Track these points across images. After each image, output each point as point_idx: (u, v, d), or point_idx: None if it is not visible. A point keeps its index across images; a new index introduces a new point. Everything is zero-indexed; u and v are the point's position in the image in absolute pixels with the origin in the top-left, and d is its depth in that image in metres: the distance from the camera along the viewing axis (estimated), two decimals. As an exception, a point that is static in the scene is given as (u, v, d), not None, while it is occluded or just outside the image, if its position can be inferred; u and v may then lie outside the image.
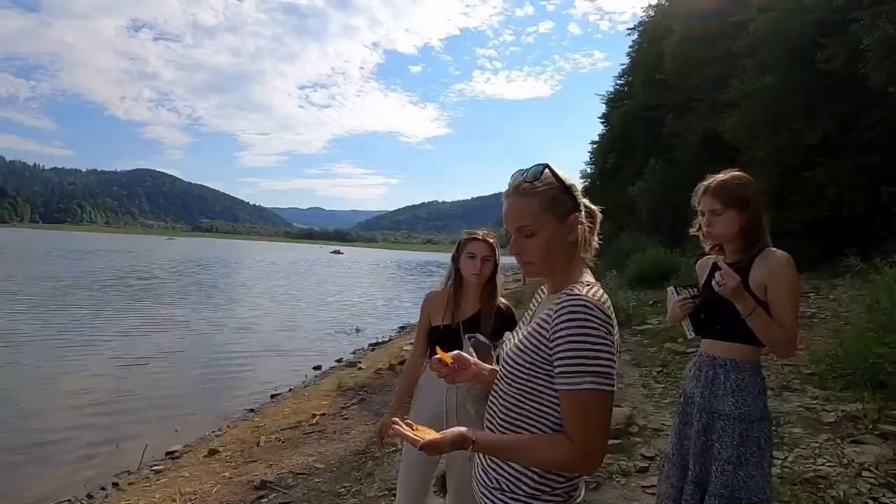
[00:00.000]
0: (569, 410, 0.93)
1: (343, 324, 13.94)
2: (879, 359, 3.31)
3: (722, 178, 1.69)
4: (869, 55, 8.97)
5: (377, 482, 3.59)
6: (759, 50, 13.08)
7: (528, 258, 1.03)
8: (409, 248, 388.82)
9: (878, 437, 2.82)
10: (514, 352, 1.05)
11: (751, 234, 1.63)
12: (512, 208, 1.03)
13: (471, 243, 1.97)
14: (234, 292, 21.38)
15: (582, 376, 0.90)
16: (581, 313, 0.92)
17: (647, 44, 24.46)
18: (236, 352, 10.07)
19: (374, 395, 6.37)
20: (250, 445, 4.97)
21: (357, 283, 31.92)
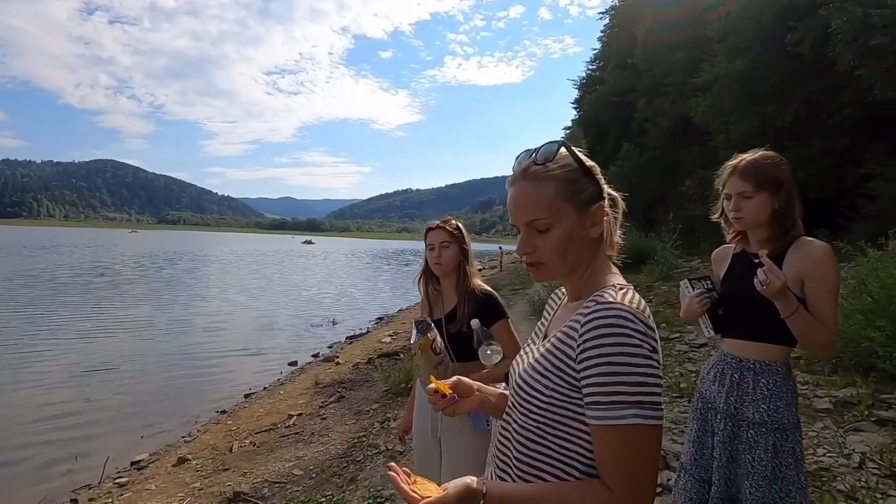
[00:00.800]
0: (606, 451, 0.74)
1: (318, 317, 13.60)
2: (870, 342, 3.28)
3: (752, 158, 1.49)
4: (837, 38, 9.07)
5: (361, 489, 3.38)
6: (730, 34, 13.16)
7: (541, 258, 0.84)
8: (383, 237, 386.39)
9: (875, 423, 2.78)
10: (528, 374, 0.84)
11: (784, 221, 1.46)
12: (520, 197, 0.84)
13: (429, 233, 1.94)
14: (203, 287, 20.63)
15: (622, 408, 0.71)
16: (617, 326, 0.73)
17: (618, 29, 24.51)
18: (207, 350, 9.65)
19: (354, 392, 6.14)
20: (222, 452, 4.70)
21: (332, 274, 31.38)
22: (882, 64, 8.43)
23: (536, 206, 0.82)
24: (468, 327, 1.73)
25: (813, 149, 10.88)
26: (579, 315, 0.78)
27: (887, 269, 3.61)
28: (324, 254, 61.51)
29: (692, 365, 4.61)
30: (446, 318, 1.90)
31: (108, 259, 33.41)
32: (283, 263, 39.26)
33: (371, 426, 4.64)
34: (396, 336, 9.81)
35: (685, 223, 14.87)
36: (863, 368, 3.41)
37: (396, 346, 8.61)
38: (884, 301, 3.38)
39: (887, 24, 8.04)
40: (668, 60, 17.87)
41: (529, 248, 0.84)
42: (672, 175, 16.94)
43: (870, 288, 3.59)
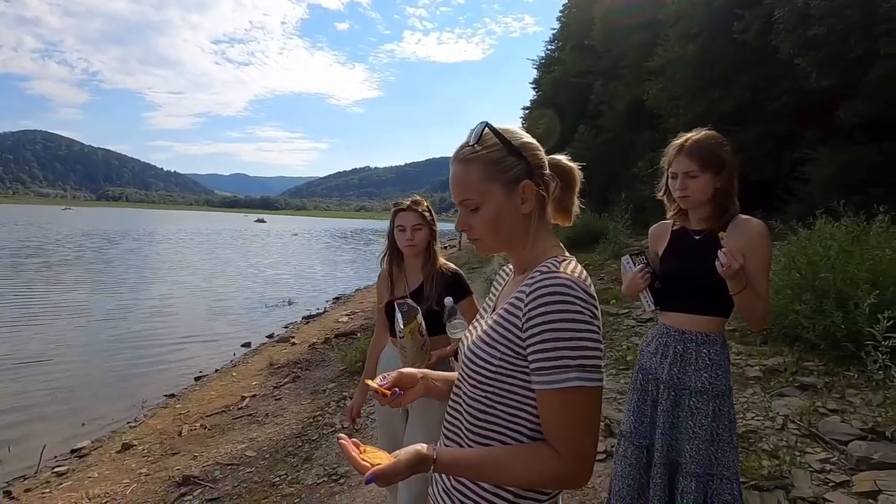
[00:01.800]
0: (550, 413, 0.78)
1: (274, 297, 13.26)
2: (796, 315, 3.55)
3: (697, 137, 1.54)
4: (780, 27, 9.50)
5: (316, 467, 3.38)
6: (682, 18, 13.52)
7: (476, 234, 0.89)
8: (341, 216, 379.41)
9: (798, 388, 3.02)
10: (477, 346, 0.86)
11: (724, 200, 1.52)
12: (453, 178, 0.88)
13: (399, 215, 1.92)
14: (149, 268, 19.60)
15: (565, 371, 0.74)
16: (560, 294, 0.76)
17: (577, 9, 24.66)
18: (153, 334, 9.22)
19: (310, 372, 6.07)
20: (171, 436, 4.55)
21: (288, 253, 30.59)
22: (818, 54, 8.91)
23: (464, 186, 0.86)
24: (438, 305, 1.81)
25: (753, 133, 11.46)
26: (524, 286, 0.81)
27: (814, 247, 3.88)
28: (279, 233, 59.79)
29: (638, 339, 4.84)
30: (413, 295, 1.93)
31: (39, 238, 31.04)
32: (236, 243, 37.89)
33: (327, 405, 4.62)
34: (354, 315, 9.74)
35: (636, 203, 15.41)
36: (789, 339, 3.69)
37: (354, 325, 8.55)
38: (810, 277, 3.65)
39: (824, 16, 8.48)
40: (624, 43, 18.19)
41: (465, 225, 0.89)
42: (625, 157, 17.44)
43: (798, 264, 3.86)
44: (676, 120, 13.77)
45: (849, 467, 2.19)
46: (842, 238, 3.76)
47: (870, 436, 2.35)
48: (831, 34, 8.50)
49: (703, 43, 12.64)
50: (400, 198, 1.97)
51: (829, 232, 3.97)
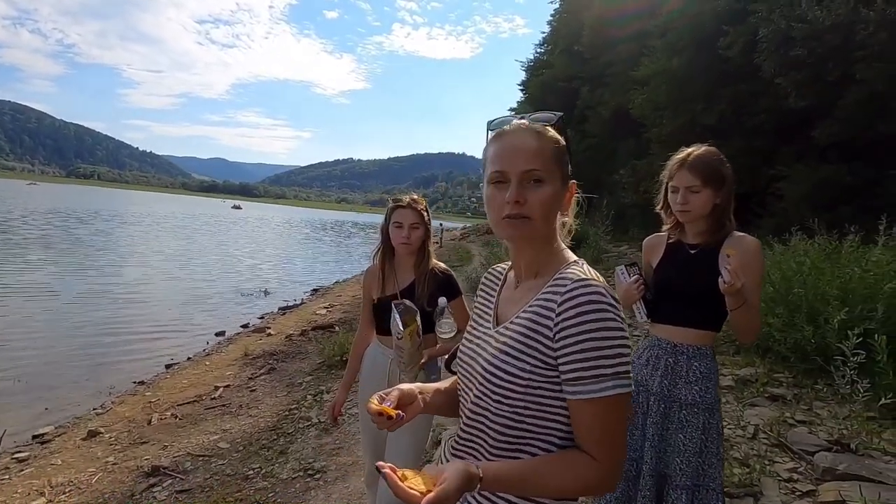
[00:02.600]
0: (588, 422, 0.77)
1: (250, 286, 13.04)
2: (769, 327, 3.66)
3: (699, 153, 1.56)
4: (763, 46, 9.75)
5: (291, 461, 3.34)
6: (669, 32, 13.76)
7: (530, 212, 0.82)
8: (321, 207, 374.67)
9: (768, 399, 3.13)
10: (500, 360, 0.83)
11: (721, 216, 1.55)
12: (522, 145, 0.83)
13: (397, 211, 1.89)
14: (120, 250, 19.02)
15: (604, 380, 0.75)
16: (595, 303, 0.76)
17: (568, 14, 24.86)
18: (124, 317, 8.97)
19: (286, 364, 5.99)
20: (140, 424, 4.43)
21: (266, 242, 30.09)
22: (798, 74, 9.19)
23: (536, 156, 0.82)
24: (429, 305, 1.82)
25: (733, 148, 11.72)
26: (551, 294, 0.80)
27: (788, 262, 4.02)
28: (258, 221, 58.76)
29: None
30: (404, 293, 1.91)
31: (2, 214, 29.79)
32: (212, 228, 37.07)
33: (303, 399, 4.56)
34: (332, 308, 9.64)
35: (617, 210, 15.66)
36: (761, 350, 3.81)
37: (332, 318, 8.47)
38: (783, 291, 3.77)
39: (805, 38, 8.74)
40: (612, 51, 18.43)
41: (521, 197, 0.81)
42: (608, 163, 17.71)
43: (772, 279, 3.99)
44: (659, 130, 14.05)
45: (815, 477, 2.28)
46: (815, 255, 3.90)
47: (835, 447, 2.45)
48: (811, 56, 8.78)
49: (689, 56, 12.89)
50: (384, 194, 1.96)
51: (804, 249, 4.11)
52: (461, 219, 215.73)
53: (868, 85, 8.15)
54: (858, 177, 8.81)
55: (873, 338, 2.77)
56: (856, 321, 3.01)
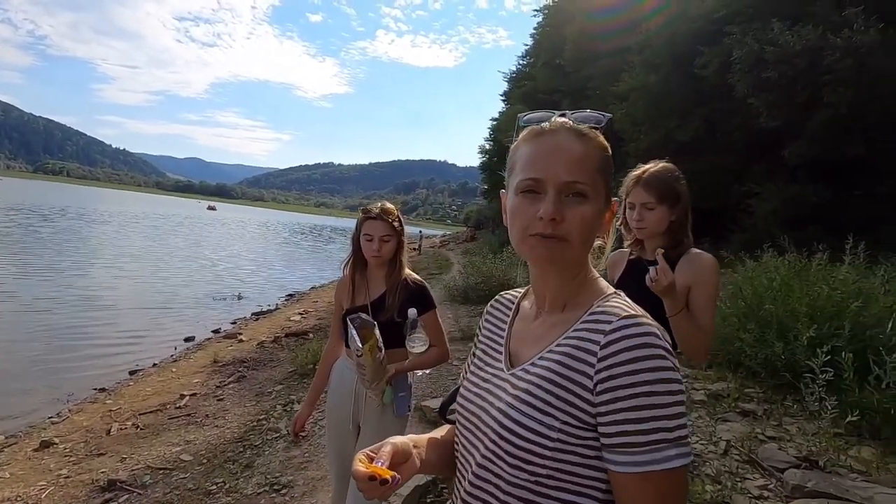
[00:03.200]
0: (640, 501, 0.60)
1: (223, 290, 12.72)
2: (740, 342, 3.72)
3: (655, 170, 1.57)
4: (736, 67, 10.08)
5: (257, 475, 3.21)
6: (647, 49, 14.11)
7: (566, 232, 0.66)
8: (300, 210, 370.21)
9: (739, 414, 3.16)
10: (521, 413, 0.65)
11: (678, 232, 1.55)
12: (566, 151, 0.67)
13: (367, 223, 1.82)
14: (87, 250, 18.35)
15: (664, 448, 0.58)
16: (652, 346, 0.59)
17: (550, 28, 25.29)
18: (86, 321, 8.61)
19: (256, 372, 5.82)
20: (98, 434, 4.22)
21: (241, 244, 29.49)
22: (769, 96, 9.51)
23: (581, 166, 0.67)
24: (399, 316, 1.75)
25: (706, 164, 12.07)
26: (589, 331, 0.65)
27: (759, 278, 4.10)
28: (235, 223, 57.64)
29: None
30: (373, 305, 1.84)
31: (-37, 208, 28.49)
32: (186, 230, 36.18)
33: (272, 409, 4.43)
34: (307, 315, 9.47)
35: (594, 222, 15.85)
36: (732, 365, 3.86)
37: (306, 325, 8.31)
38: (754, 306, 3.84)
39: (776, 61, 9.06)
40: (593, 65, 18.79)
41: (558, 214, 0.65)
42: (586, 176, 17.96)
43: (744, 294, 4.06)
44: (637, 145, 14.33)
45: (784, 494, 2.29)
46: (784, 272, 3.99)
47: (804, 464, 2.48)
48: (782, 79, 9.10)
49: (666, 74, 13.24)
50: (364, 199, 1.88)
51: (774, 265, 4.21)
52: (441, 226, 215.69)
53: (834, 108, 8.48)
54: (825, 196, 9.14)
55: (840, 355, 2.83)
56: (824, 338, 3.08)
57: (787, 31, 9.03)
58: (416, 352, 1.70)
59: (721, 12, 11.62)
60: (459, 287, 9.55)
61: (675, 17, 13.16)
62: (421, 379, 4.52)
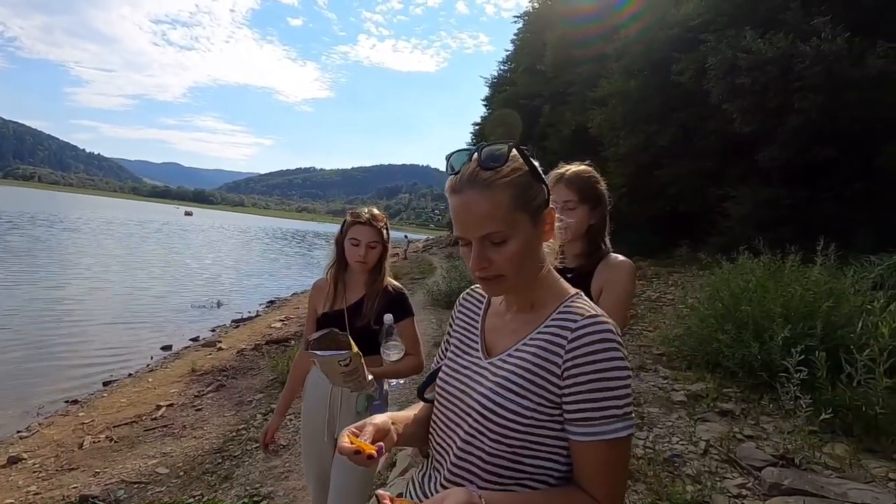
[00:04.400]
0: (593, 464, 0.74)
1: (202, 297, 12.47)
2: (718, 343, 3.78)
3: (577, 169, 1.52)
4: (711, 73, 10.31)
5: (236, 486, 3.14)
6: (625, 55, 14.35)
7: (499, 270, 0.77)
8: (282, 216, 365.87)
9: (718, 414, 3.21)
10: (500, 396, 0.78)
11: (596, 236, 1.50)
12: (471, 208, 0.75)
13: (354, 227, 1.78)
14: (59, 258, 17.82)
15: (613, 421, 0.72)
16: (608, 341, 0.73)
17: (531, 34, 25.58)
18: (60, 330, 8.35)
19: (236, 381, 5.72)
20: (69, 449, 4.09)
21: (222, 251, 28.99)
22: (743, 102, 9.75)
23: (491, 217, 0.74)
24: (376, 323, 1.72)
25: (684, 168, 12.33)
26: (558, 328, 0.77)
27: (736, 280, 4.18)
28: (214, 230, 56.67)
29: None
30: (351, 310, 1.81)
31: (-73, 215, 27.39)
32: (162, 236, 35.42)
33: (252, 418, 4.35)
34: (288, 321, 9.35)
35: (575, 226, 16.00)
36: (711, 366, 3.93)
37: (287, 332, 8.20)
38: (732, 307, 3.92)
39: (749, 68, 9.30)
40: (573, 71, 19.03)
41: (484, 261, 0.76)
42: (568, 180, 18.16)
43: (721, 296, 4.14)
44: (616, 149, 14.55)
45: (762, 493, 2.33)
46: (759, 273, 4.08)
47: (780, 462, 2.52)
48: (754, 85, 9.33)
49: (644, 80, 13.48)
50: (346, 204, 1.86)
51: (750, 267, 4.30)
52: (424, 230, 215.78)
53: (805, 114, 8.73)
54: (797, 199, 9.39)
55: (814, 354, 2.90)
56: (798, 338, 3.14)
57: (760, 39, 9.28)
58: (392, 360, 1.65)
59: (696, 20, 11.89)
60: (442, 291, 9.53)
61: (653, 24, 13.41)
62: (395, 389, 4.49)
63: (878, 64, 7.93)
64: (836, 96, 8.32)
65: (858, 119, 8.44)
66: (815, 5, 8.98)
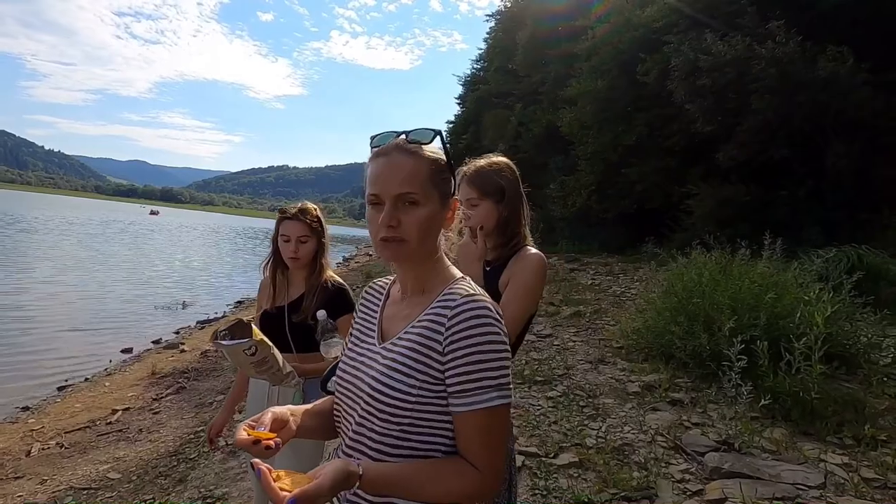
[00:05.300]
0: (471, 433, 0.79)
1: (166, 298, 12.12)
2: (671, 335, 3.91)
3: (479, 165, 1.50)
4: (674, 74, 10.60)
5: (190, 489, 3.07)
6: (594, 55, 14.61)
7: (404, 234, 0.81)
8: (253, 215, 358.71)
9: (669, 403, 3.32)
10: (388, 377, 0.81)
11: (507, 229, 1.48)
12: (395, 167, 0.82)
13: (284, 223, 1.79)
14: (14, 258, 17.06)
15: (488, 391, 0.77)
16: (483, 317, 0.78)
17: (503, 33, 25.73)
18: (13, 333, 7.98)
19: (198, 382, 5.59)
20: (16, 457, 3.92)
21: (190, 251, 28.23)
22: (704, 102, 10.06)
23: (411, 179, 0.81)
24: (314, 319, 1.70)
25: (650, 166, 12.64)
26: (440, 308, 0.81)
27: (689, 274, 4.33)
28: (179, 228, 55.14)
29: (537, 353, 5.04)
30: (290, 306, 1.81)
31: None
32: (127, 237, 34.28)
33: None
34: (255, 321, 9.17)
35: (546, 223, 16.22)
36: (665, 357, 4.05)
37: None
38: (684, 301, 4.05)
39: (709, 70, 9.61)
40: (543, 71, 19.28)
41: (394, 220, 0.80)
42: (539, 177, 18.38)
43: (675, 290, 4.27)
44: (585, 148, 14.81)
45: (704, 477, 2.42)
46: (711, 268, 4.23)
47: (722, 447, 2.63)
48: (714, 86, 9.65)
49: (612, 80, 13.75)
50: (322, 202, 1.83)
51: (702, 262, 4.45)
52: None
53: (761, 114, 9.07)
54: (755, 197, 9.75)
55: (757, 344, 3.02)
56: (743, 328, 3.28)
57: (719, 41, 9.60)
58: (332, 356, 1.64)
59: (660, 22, 12.20)
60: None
61: (620, 25, 13.70)
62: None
63: (828, 66, 8.29)
64: (790, 98, 8.68)
65: (810, 120, 8.81)
66: (769, 10, 9.33)
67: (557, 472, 2.55)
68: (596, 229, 15.28)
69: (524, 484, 2.46)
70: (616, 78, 13.67)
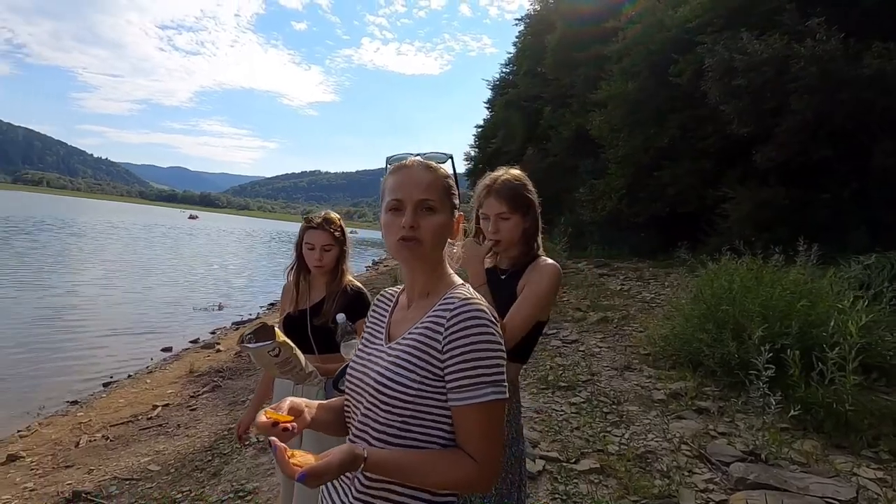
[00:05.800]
0: (469, 426, 0.86)
1: (204, 300, 12.60)
2: (699, 343, 3.83)
3: (505, 178, 1.54)
4: (709, 74, 10.33)
5: (223, 483, 3.22)
6: (625, 57, 14.37)
7: (421, 236, 0.92)
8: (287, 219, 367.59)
9: (695, 412, 3.26)
10: (392, 372, 0.90)
11: (530, 240, 1.53)
12: (420, 178, 0.93)
13: (308, 232, 1.88)
14: (64, 260, 18.08)
15: (483, 387, 0.84)
16: (479, 318, 0.86)
17: (532, 37, 25.61)
18: (62, 333, 8.48)
19: (232, 381, 5.81)
20: (66, 447, 4.19)
21: (226, 254, 29.23)
22: (739, 103, 9.75)
23: (432, 188, 0.92)
24: (334, 322, 1.77)
25: (683, 169, 12.32)
26: (441, 311, 0.89)
27: (719, 280, 4.23)
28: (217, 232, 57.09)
29: (562, 359, 5.02)
30: (312, 309, 1.90)
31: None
32: (168, 240, 35.75)
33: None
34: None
35: (576, 227, 16.02)
36: (692, 365, 3.97)
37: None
38: (713, 308, 3.96)
39: (745, 70, 9.31)
40: (572, 74, 19.06)
41: (415, 222, 0.90)
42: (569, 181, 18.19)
43: (705, 296, 4.18)
44: (616, 151, 14.57)
45: (728, 487, 2.38)
46: (743, 274, 4.12)
47: (749, 458, 2.57)
48: (751, 86, 9.35)
49: (643, 81, 13.48)
50: (352, 207, 1.87)
51: (733, 268, 4.34)
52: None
53: (801, 114, 8.73)
54: (794, 199, 9.38)
55: (787, 353, 2.94)
56: (774, 337, 3.19)
57: (756, 40, 9.30)
58: (351, 357, 1.72)
59: (694, 22, 11.91)
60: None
61: (652, 26, 13.44)
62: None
63: (874, 63, 7.92)
64: (831, 96, 8.32)
65: (853, 118, 8.43)
66: (810, 7, 8.99)
67: (578, 477, 2.55)
68: (626, 234, 14.98)
69: (544, 488, 2.47)
70: (647, 79, 13.40)
